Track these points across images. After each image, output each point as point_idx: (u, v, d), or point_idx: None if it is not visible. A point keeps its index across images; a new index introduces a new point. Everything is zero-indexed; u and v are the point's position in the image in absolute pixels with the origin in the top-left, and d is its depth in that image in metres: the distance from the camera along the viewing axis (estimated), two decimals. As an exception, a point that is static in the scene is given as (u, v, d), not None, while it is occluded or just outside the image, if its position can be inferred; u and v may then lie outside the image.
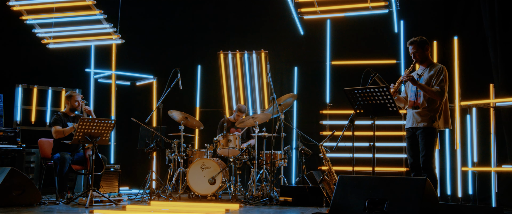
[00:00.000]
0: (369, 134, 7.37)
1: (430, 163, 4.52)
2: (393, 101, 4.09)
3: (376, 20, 7.95)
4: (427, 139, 4.54)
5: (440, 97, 4.53)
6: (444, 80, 4.57)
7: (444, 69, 4.64)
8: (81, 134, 5.55)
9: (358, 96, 4.22)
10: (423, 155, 4.54)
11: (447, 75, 4.63)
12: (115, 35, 7.51)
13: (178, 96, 8.59)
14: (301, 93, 8.41)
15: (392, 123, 7.44)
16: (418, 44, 4.73)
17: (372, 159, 4.16)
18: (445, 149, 6.66)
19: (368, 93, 4.12)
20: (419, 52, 4.72)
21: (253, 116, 6.73)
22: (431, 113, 4.58)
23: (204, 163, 6.55)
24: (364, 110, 4.26)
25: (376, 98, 4.13)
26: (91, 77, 8.52)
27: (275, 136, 6.43)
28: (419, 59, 4.75)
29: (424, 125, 4.58)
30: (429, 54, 4.78)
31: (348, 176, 3.77)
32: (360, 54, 7.90)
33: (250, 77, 8.65)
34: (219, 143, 6.76)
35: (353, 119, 4.34)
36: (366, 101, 4.19)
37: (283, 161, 6.77)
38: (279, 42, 8.70)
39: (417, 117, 4.66)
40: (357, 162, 7.38)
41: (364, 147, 7.12)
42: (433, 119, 4.55)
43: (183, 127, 6.79)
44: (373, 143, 4.16)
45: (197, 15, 9.15)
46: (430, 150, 4.52)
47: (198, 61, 9.04)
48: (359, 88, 4.17)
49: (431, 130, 4.56)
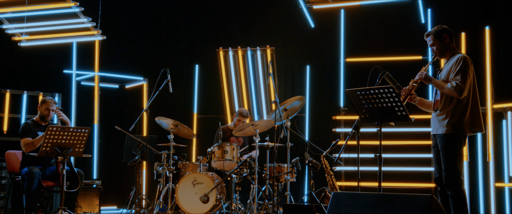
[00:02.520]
0: (396, 144, 7.37)
1: (454, 178, 4.33)
2: (401, 104, 3.97)
3: (398, 9, 7.87)
4: (447, 148, 4.38)
5: (458, 93, 4.33)
6: (462, 71, 4.37)
7: (463, 59, 4.44)
8: (50, 144, 5.51)
9: (361, 99, 4.12)
10: (445, 168, 4.37)
11: (468, 66, 4.41)
12: (95, 31, 7.52)
13: (172, 101, 8.62)
14: (314, 96, 8.33)
15: (420, 130, 7.29)
16: (435, 35, 4.60)
17: (378, 173, 4.04)
18: (476, 160, 6.52)
19: (373, 95, 4.01)
20: (437, 44, 4.60)
21: (253, 123, 6.67)
22: (450, 116, 4.41)
23: (196, 178, 6.50)
24: (369, 114, 4.15)
25: (382, 101, 4.01)
26: (73, 80, 8.54)
27: (277, 146, 6.35)
28: (439, 53, 4.62)
29: (443, 132, 4.43)
30: (450, 45, 4.61)
31: (343, 193, 3.67)
32: (379, 50, 7.81)
33: (255, 78, 8.60)
34: (214, 154, 6.69)
35: (358, 125, 4.24)
36: (371, 104, 4.09)
37: (290, 175, 6.69)
38: (287, 37, 8.66)
39: (435, 121, 4.52)
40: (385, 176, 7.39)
41: (388, 159, 7.04)
42: (454, 123, 4.38)
43: (172, 136, 6.77)
44: (380, 154, 4.04)
45: (194, 8, 9.14)
46: (452, 162, 4.35)
47: (195, 60, 9.04)
48: (362, 89, 4.07)
49: (452, 137, 4.38)
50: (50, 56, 8.46)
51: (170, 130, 6.79)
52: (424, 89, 7.02)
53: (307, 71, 8.45)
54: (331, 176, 4.83)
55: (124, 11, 9.02)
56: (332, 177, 4.83)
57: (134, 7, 9.11)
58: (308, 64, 8.45)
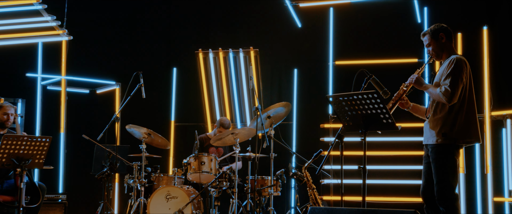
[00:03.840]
0: (384, 154, 7.37)
1: (448, 192, 4.27)
2: (387, 111, 3.91)
3: (392, 7, 7.87)
4: (439, 160, 4.31)
5: (446, 99, 4.25)
6: (452, 75, 4.28)
7: (456, 60, 4.36)
8: (6, 155, 5.43)
9: (344, 106, 4.06)
10: (437, 182, 4.31)
11: (461, 68, 4.32)
12: (60, 30, 7.43)
13: (147, 108, 8.55)
14: (302, 102, 8.29)
15: (410, 139, 7.28)
16: (431, 34, 4.54)
17: (362, 186, 3.99)
18: (473, 173, 6.50)
19: (356, 101, 3.95)
20: (433, 45, 4.54)
21: (233, 132, 6.61)
22: (441, 124, 4.35)
23: (170, 192, 6.42)
24: (353, 122, 4.10)
25: (366, 107, 3.96)
26: (38, 84, 8.46)
27: (259, 157, 6.30)
28: (435, 54, 4.56)
29: (433, 142, 4.37)
30: (447, 45, 4.55)
31: (319, 208, 3.63)
32: (371, 52, 7.81)
33: (237, 82, 8.55)
34: (190, 166, 6.63)
35: (342, 134, 4.19)
36: (354, 111, 4.03)
37: (274, 188, 6.63)
38: (272, 38, 8.65)
39: (427, 130, 4.46)
40: (371, 189, 7.39)
41: (375, 171, 7.02)
42: (445, 133, 4.31)
43: (144, 146, 6.68)
44: (364, 165, 3.98)
45: (172, 5, 9.11)
46: (444, 174, 4.29)
47: (173, 62, 9.00)
48: (345, 94, 4.01)
49: (443, 148, 4.32)
50: (12, 58, 8.38)
51: (142, 139, 6.71)
52: (421, 95, 7.00)
53: (295, 75, 8.41)
54: (313, 190, 4.78)
55: (94, 8, 8.94)
56: (314, 190, 4.77)
57: (105, 4, 9.01)
58: (295, 67, 8.42)
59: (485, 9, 7.18)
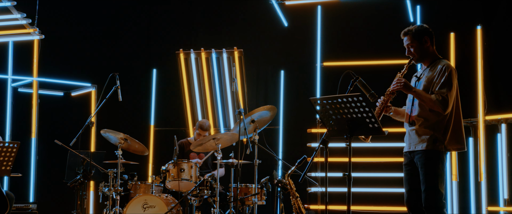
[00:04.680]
0: (371, 161, 7.44)
1: (436, 200, 4.26)
2: (373, 115, 3.89)
3: (383, 5, 7.87)
4: (428, 166, 4.30)
5: (442, 107, 4.28)
6: (448, 84, 4.32)
7: (449, 67, 4.39)
8: (-30, 162, 5.40)
9: (328, 109, 4.03)
10: (425, 189, 4.29)
11: (454, 77, 4.38)
12: (31, 29, 7.36)
13: (125, 112, 8.51)
14: (289, 105, 8.29)
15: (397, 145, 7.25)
16: (414, 34, 4.52)
17: (347, 195, 3.95)
18: (467, 180, 6.50)
19: (340, 104, 3.91)
20: (415, 46, 4.52)
21: (215, 137, 6.58)
22: (432, 130, 4.34)
23: (147, 201, 6.40)
24: (338, 127, 4.06)
25: (351, 111, 3.93)
26: (8, 86, 8.37)
27: (242, 163, 6.27)
28: (417, 56, 4.54)
29: (422, 148, 4.35)
30: (431, 49, 4.56)
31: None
32: (361, 53, 7.81)
33: (221, 85, 8.52)
34: (169, 173, 6.60)
35: (326, 139, 4.15)
36: (339, 115, 4.00)
37: (258, 197, 6.60)
38: (257, 37, 8.64)
39: (413, 136, 4.43)
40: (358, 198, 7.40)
41: (361, 179, 7.09)
42: (436, 139, 4.31)
43: (120, 152, 6.64)
44: (349, 173, 3.95)
45: (152, 2, 9.07)
46: (433, 181, 4.27)
47: (153, 63, 8.95)
48: (328, 97, 3.97)
49: (433, 154, 4.31)
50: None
51: (118, 144, 6.66)
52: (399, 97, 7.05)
53: (282, 77, 8.39)
54: (296, 198, 4.75)
55: (69, 6, 8.87)
56: (298, 199, 4.74)
57: (81, 1, 8.96)
58: (282, 69, 8.41)
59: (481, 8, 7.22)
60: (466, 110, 6.46)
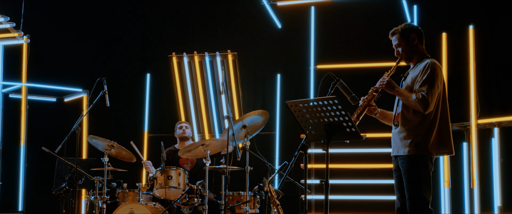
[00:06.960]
0: (353, 167, 7.45)
1: (421, 208, 4.17)
2: (349, 119, 3.77)
3: (379, 5, 7.83)
4: (411, 173, 4.20)
5: (423, 107, 4.15)
6: (429, 81, 4.20)
7: (431, 65, 4.26)
8: None
9: (305, 113, 3.92)
10: (408, 197, 4.20)
11: (437, 74, 4.25)
12: (16, 33, 7.33)
13: (118, 118, 8.47)
14: (285, 110, 8.18)
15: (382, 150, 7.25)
16: (401, 33, 4.44)
17: (324, 203, 3.83)
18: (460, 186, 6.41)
19: (316, 107, 3.81)
20: (403, 45, 4.43)
21: (203, 142, 6.51)
22: (414, 134, 4.23)
23: (133, 209, 6.31)
24: (316, 131, 3.95)
25: (328, 115, 3.82)
26: (-1, 92, 8.38)
27: (231, 170, 6.22)
28: (405, 56, 4.45)
29: (405, 153, 4.25)
30: (419, 47, 4.46)
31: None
32: (356, 55, 7.78)
33: (215, 89, 8.48)
34: (156, 180, 6.54)
35: (306, 145, 4.05)
36: (316, 119, 3.89)
37: (250, 205, 6.51)
38: (251, 40, 8.63)
39: (397, 139, 4.33)
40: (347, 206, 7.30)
41: (344, 186, 7.19)
42: (418, 143, 4.20)
43: (107, 159, 6.58)
44: (326, 179, 3.84)
45: (146, 6, 9.07)
46: (417, 188, 4.17)
47: (147, 68, 8.93)
48: (304, 101, 3.87)
49: (416, 160, 4.20)
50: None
51: (105, 151, 6.61)
52: (392, 99, 7.00)
53: (278, 80, 8.35)
54: (278, 206, 4.65)
55: (60, 9, 8.87)
56: (279, 207, 4.64)
57: (72, 4, 8.95)
58: (278, 72, 8.36)
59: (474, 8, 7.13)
60: (458, 112, 6.40)
